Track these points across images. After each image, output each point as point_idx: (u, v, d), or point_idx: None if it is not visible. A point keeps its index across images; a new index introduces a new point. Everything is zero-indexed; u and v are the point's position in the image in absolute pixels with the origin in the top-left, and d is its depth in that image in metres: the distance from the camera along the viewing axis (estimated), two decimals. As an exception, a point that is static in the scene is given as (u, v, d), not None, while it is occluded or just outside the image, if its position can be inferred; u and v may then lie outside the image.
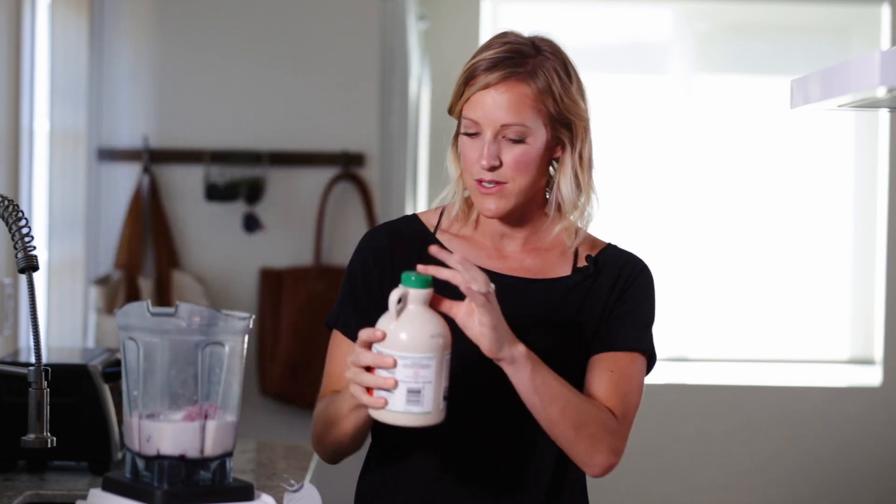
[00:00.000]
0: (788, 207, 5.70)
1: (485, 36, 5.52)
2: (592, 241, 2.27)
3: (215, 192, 4.68)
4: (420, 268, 1.96)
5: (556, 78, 2.14)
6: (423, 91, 5.21)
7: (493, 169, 2.14)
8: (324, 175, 4.74)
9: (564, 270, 2.24)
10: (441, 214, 2.28)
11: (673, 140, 5.64)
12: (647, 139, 5.64)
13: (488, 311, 1.97)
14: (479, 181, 2.16)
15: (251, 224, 4.69)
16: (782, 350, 5.73)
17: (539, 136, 2.14)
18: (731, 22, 5.75)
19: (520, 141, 2.14)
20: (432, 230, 2.27)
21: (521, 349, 2.02)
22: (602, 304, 2.22)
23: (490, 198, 2.16)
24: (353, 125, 4.75)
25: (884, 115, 5.34)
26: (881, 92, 1.90)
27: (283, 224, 4.74)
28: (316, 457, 3.07)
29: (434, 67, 5.44)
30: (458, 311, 1.99)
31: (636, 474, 5.47)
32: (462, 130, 2.18)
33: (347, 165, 4.73)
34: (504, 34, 2.20)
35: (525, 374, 2.02)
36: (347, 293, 2.23)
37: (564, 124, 2.16)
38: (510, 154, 2.14)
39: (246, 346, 2.02)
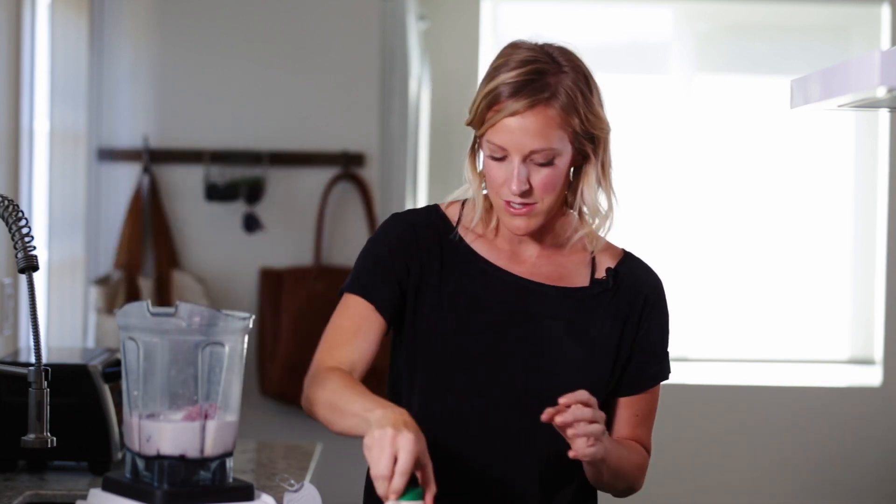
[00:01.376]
0: (789, 208, 5.70)
1: (485, 36, 5.52)
2: (609, 247, 2.28)
3: (215, 192, 4.68)
4: (551, 413, 2.02)
5: (579, 95, 2.12)
6: (423, 91, 5.21)
7: (524, 194, 2.13)
8: (324, 175, 4.74)
9: (582, 280, 2.23)
10: (462, 209, 2.27)
11: (673, 140, 5.64)
12: (647, 139, 5.64)
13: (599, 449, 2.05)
14: (508, 203, 2.15)
15: (251, 224, 4.69)
16: (782, 350, 5.73)
17: (566, 155, 2.15)
18: (731, 22, 5.75)
19: (548, 164, 2.13)
20: (454, 224, 2.25)
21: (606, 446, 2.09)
22: (622, 325, 2.22)
23: (520, 218, 2.16)
24: (353, 125, 4.75)
25: (884, 115, 5.34)
26: (881, 92, 1.90)
27: (283, 224, 4.74)
28: (316, 457, 3.07)
29: (434, 67, 5.44)
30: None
31: (636, 474, 5.47)
32: (488, 154, 2.15)
33: (347, 165, 4.73)
34: (516, 46, 2.16)
35: (602, 465, 2.13)
36: (372, 265, 2.21)
37: (589, 138, 2.17)
38: (538, 177, 2.13)
39: (246, 346, 2.02)
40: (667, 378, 2.30)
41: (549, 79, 2.11)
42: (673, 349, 2.35)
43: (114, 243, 4.71)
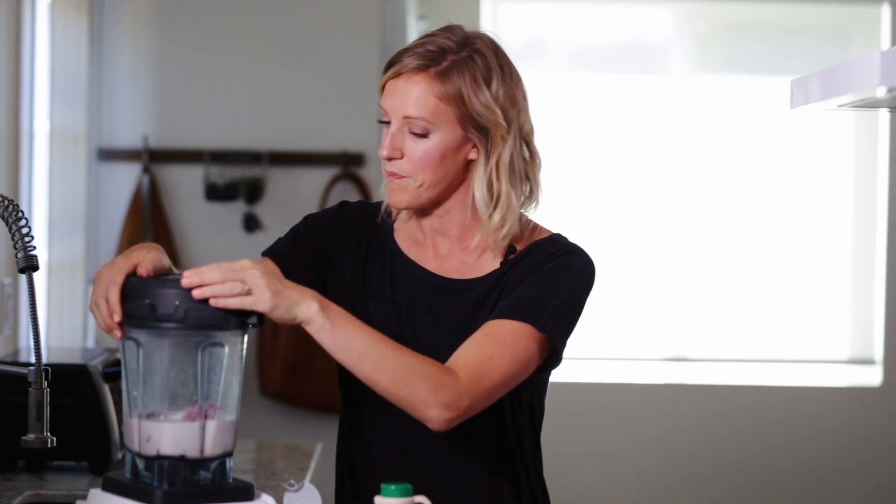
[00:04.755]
0: (788, 208, 5.70)
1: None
2: (534, 233, 2.22)
3: (215, 192, 4.68)
4: (185, 282, 1.93)
5: (468, 80, 2.12)
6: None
7: (391, 159, 2.15)
8: (324, 175, 4.74)
9: (494, 266, 2.21)
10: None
11: (673, 140, 5.64)
12: (647, 139, 5.64)
13: (260, 288, 1.93)
14: (388, 171, 2.17)
15: (251, 224, 4.69)
16: (782, 350, 5.72)
17: (446, 134, 2.13)
18: (731, 22, 5.75)
19: (422, 135, 2.13)
20: (393, 220, 2.27)
21: (313, 307, 1.97)
22: (517, 283, 2.17)
23: (392, 188, 2.17)
24: (352, 125, 4.75)
25: (884, 115, 5.34)
26: (881, 92, 1.90)
27: (283, 224, 4.71)
28: (316, 457, 3.08)
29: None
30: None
31: (636, 474, 5.47)
32: (379, 119, 2.20)
33: (347, 165, 4.73)
34: (450, 28, 2.20)
35: (325, 333, 1.97)
36: (291, 237, 2.26)
37: (478, 127, 2.14)
38: (411, 147, 2.14)
39: (246, 346, 2.02)
40: (540, 328, 2.09)
41: (447, 54, 2.13)
42: (673, 349, 2.32)
43: (114, 243, 4.71)
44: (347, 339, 1.99)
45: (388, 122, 2.16)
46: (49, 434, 2.23)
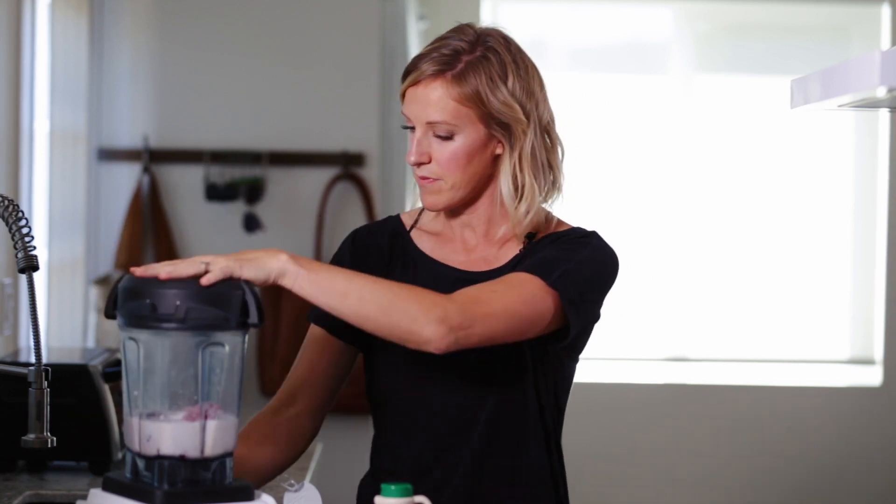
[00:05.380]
0: (788, 208, 5.70)
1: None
2: (556, 225, 2.27)
3: (215, 192, 4.68)
4: (137, 271, 1.93)
5: (484, 79, 2.15)
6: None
7: (419, 165, 2.18)
8: (324, 175, 4.74)
9: (515, 252, 2.24)
10: (421, 212, 2.31)
11: (673, 140, 5.64)
12: (647, 139, 5.64)
13: (217, 261, 1.94)
14: (420, 178, 2.19)
15: (251, 224, 4.69)
16: (782, 350, 5.72)
17: (470, 134, 2.16)
18: (731, 22, 5.75)
19: (447, 138, 2.16)
20: (408, 228, 2.30)
21: (282, 258, 1.97)
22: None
23: (426, 192, 2.20)
24: (353, 125, 4.75)
25: (884, 115, 5.34)
26: (881, 92, 1.90)
27: (283, 224, 4.74)
28: (316, 457, 3.08)
29: (434, 67, 5.43)
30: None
31: (636, 474, 5.47)
32: (404, 126, 2.22)
33: (347, 165, 4.73)
34: (461, 28, 2.22)
35: (303, 280, 1.97)
36: None
37: (500, 124, 2.17)
38: (438, 151, 2.17)
39: (246, 346, 2.02)
40: (550, 282, 2.10)
41: (461, 56, 2.16)
42: (673, 349, 2.33)
43: (114, 243, 4.71)
44: (327, 280, 1.98)
45: (412, 129, 2.19)
46: (49, 434, 2.23)
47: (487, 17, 5.52)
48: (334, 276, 2.00)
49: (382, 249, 2.27)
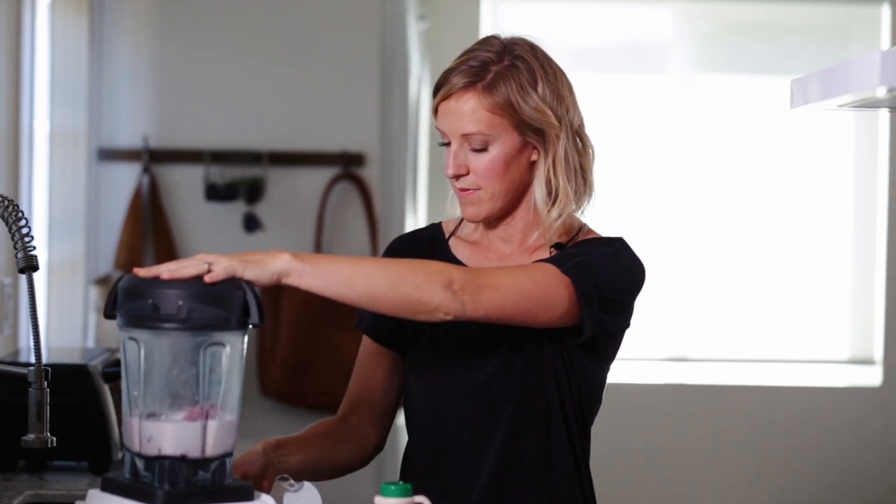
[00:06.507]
0: (788, 208, 5.70)
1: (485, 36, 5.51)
2: (585, 233, 2.28)
3: (215, 192, 4.68)
4: (140, 272, 1.94)
5: (515, 87, 2.16)
6: (423, 91, 5.21)
7: (458, 177, 2.20)
8: (324, 175, 4.74)
9: (544, 256, 2.25)
10: (461, 221, 2.32)
11: (673, 140, 5.64)
12: (647, 139, 5.64)
13: (220, 261, 1.96)
14: (459, 190, 2.21)
15: (251, 224, 4.69)
16: (782, 350, 5.73)
17: (505, 142, 2.18)
18: (731, 22, 5.75)
19: (482, 149, 2.18)
20: (447, 236, 2.32)
21: (285, 258, 1.97)
22: None
23: (466, 204, 2.22)
24: (353, 125, 4.75)
25: (884, 115, 5.34)
26: (881, 92, 1.90)
27: (283, 224, 4.74)
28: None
29: (434, 67, 5.43)
30: None
31: (637, 474, 5.47)
32: (440, 142, 2.24)
33: (347, 165, 4.73)
34: (486, 39, 2.24)
35: (308, 275, 1.97)
36: None
37: (533, 130, 2.18)
38: (475, 162, 2.18)
39: (246, 346, 2.02)
40: (566, 272, 2.12)
41: (490, 66, 2.17)
42: (673, 349, 2.33)
43: (114, 243, 4.71)
44: (331, 271, 1.99)
45: (448, 143, 2.20)
46: (49, 434, 2.23)
47: (487, 17, 5.52)
48: (338, 264, 2.01)
49: (419, 257, 2.27)
